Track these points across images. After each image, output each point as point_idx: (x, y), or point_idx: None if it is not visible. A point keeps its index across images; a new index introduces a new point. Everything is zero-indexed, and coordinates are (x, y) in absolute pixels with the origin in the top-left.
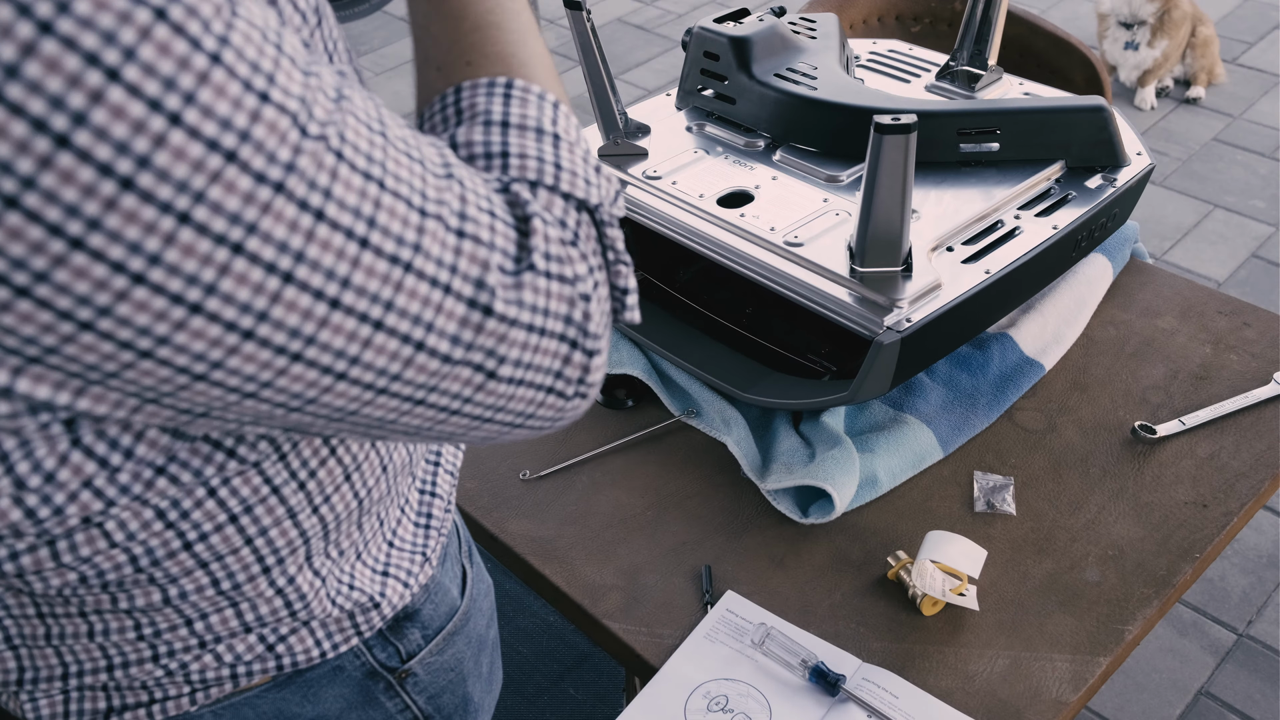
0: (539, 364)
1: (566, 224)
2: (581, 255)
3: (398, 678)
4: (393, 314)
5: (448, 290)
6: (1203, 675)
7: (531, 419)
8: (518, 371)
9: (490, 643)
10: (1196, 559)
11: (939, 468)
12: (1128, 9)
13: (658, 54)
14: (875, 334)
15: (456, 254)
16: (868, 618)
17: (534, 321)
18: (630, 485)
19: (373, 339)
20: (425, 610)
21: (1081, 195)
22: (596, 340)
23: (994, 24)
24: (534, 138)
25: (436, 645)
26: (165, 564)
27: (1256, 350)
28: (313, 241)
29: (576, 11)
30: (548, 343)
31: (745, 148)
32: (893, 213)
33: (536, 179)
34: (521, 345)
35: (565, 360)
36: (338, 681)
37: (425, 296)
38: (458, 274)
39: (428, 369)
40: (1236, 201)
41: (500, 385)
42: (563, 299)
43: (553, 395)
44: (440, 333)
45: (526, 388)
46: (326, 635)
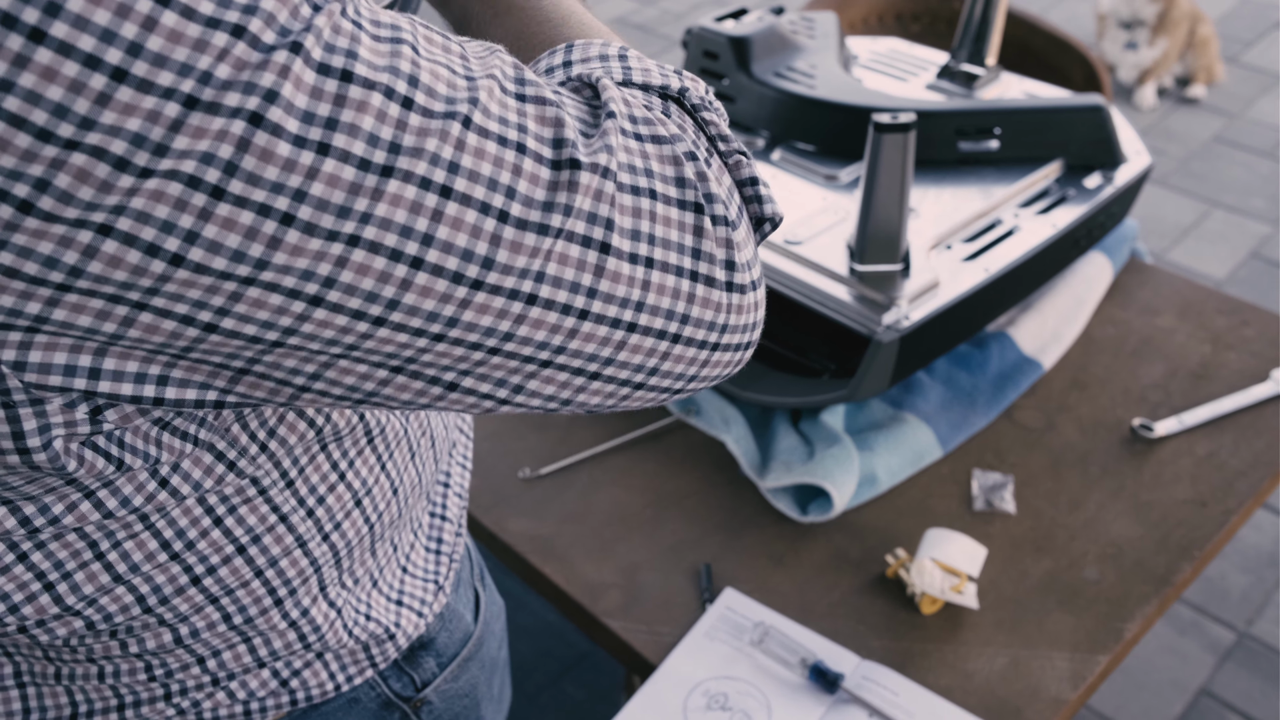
0: (664, 236)
1: (650, 104)
2: (679, 124)
3: (413, 706)
4: (460, 178)
5: (522, 149)
6: (1202, 674)
7: (688, 323)
8: (639, 245)
9: (502, 663)
10: (1196, 557)
11: (938, 466)
12: (1128, 9)
13: (657, 53)
14: (874, 332)
15: (521, 114)
16: (867, 616)
17: (636, 181)
18: (629, 483)
19: (445, 210)
20: (440, 638)
21: (1080, 194)
22: (727, 209)
23: (993, 23)
24: (598, 61)
25: (451, 672)
26: (174, 601)
27: (1255, 349)
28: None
29: None
30: (663, 208)
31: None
32: (892, 211)
33: (601, 76)
34: (632, 210)
35: (698, 232)
36: (353, 713)
37: (497, 156)
38: (529, 133)
39: (524, 244)
40: (1236, 200)
41: (624, 264)
42: (664, 158)
43: (701, 284)
44: (525, 200)
45: (662, 271)
46: (341, 668)
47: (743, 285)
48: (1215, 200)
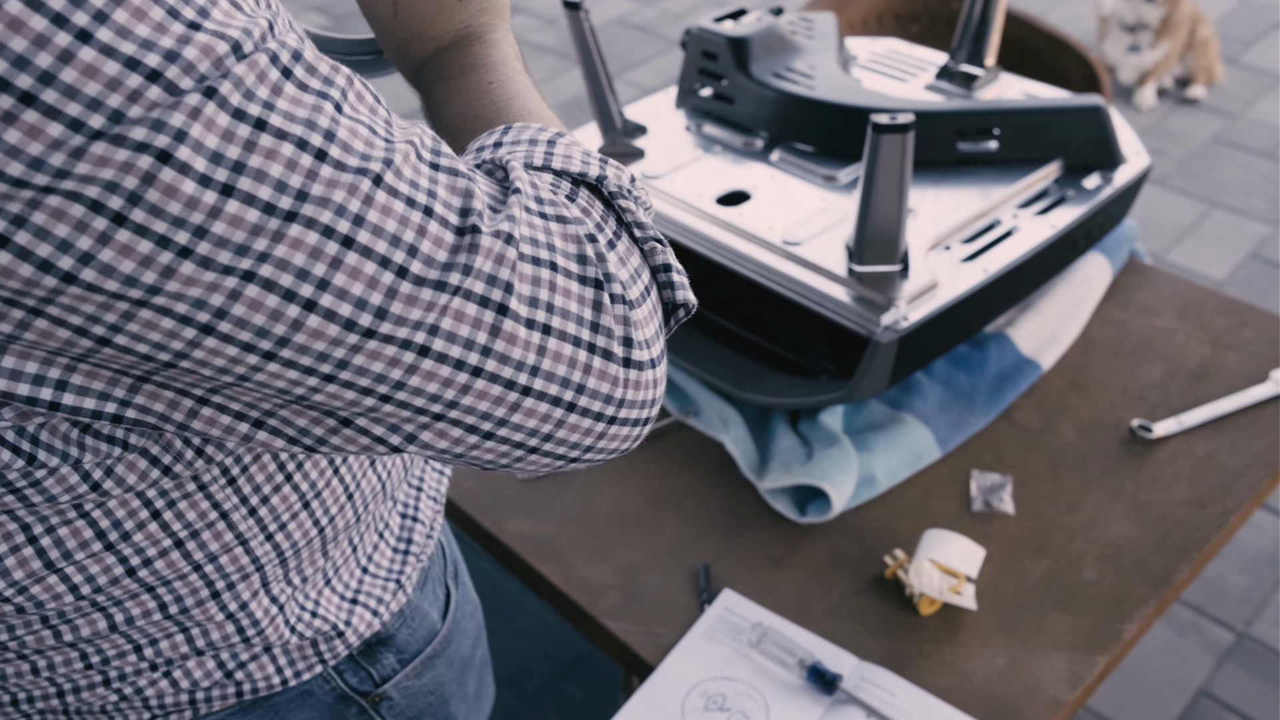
0: (564, 306)
1: (559, 187)
2: (583, 210)
3: (370, 701)
4: (365, 231)
5: (429, 212)
6: (1201, 675)
7: (584, 393)
8: (537, 312)
9: (477, 662)
10: (1194, 558)
11: (937, 467)
12: (1133, 13)
13: (656, 54)
14: (873, 333)
15: (433, 180)
16: (865, 617)
17: (539, 254)
18: (628, 484)
19: (344, 260)
20: (400, 635)
21: (1079, 194)
22: (629, 289)
23: (992, 24)
24: (526, 144)
25: (414, 669)
26: (109, 590)
27: (1255, 350)
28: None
29: (574, 12)
30: (563, 280)
31: (743, 147)
32: (890, 212)
33: (524, 161)
34: (532, 280)
35: (597, 306)
36: (306, 706)
37: (404, 216)
38: (438, 198)
39: (419, 299)
40: (1235, 201)
41: (520, 328)
42: (566, 236)
43: (598, 356)
44: (426, 258)
45: (559, 338)
46: (289, 663)
47: (640, 362)
48: (1215, 201)
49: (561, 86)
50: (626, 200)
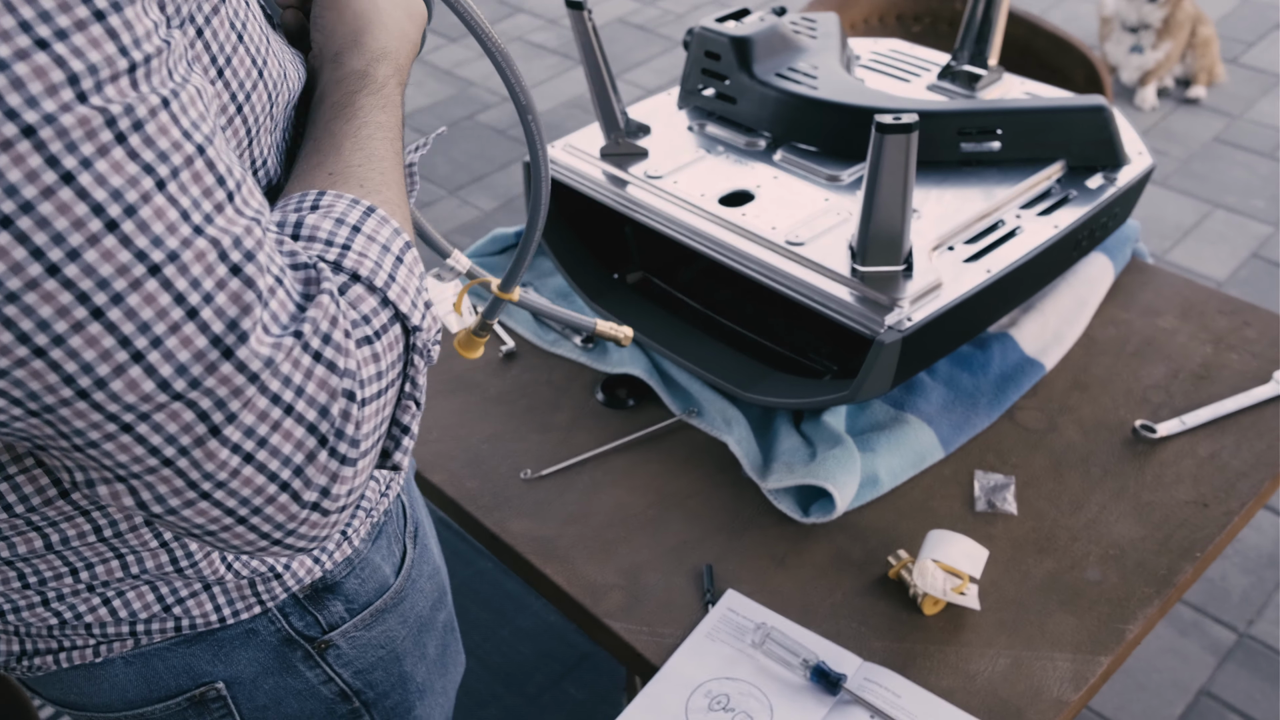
0: (277, 446)
1: (370, 322)
2: (373, 357)
3: (317, 648)
4: (117, 309)
5: (192, 314)
6: (1204, 675)
7: (258, 515)
8: (248, 442)
9: (438, 625)
10: (1197, 558)
11: (940, 467)
12: (1135, 14)
13: (659, 54)
14: (876, 333)
15: (219, 286)
16: (869, 617)
17: (281, 393)
18: (631, 484)
19: (85, 325)
20: (349, 584)
21: (1082, 195)
22: (354, 450)
23: (995, 24)
24: (379, 250)
25: (363, 620)
26: (43, 509)
27: (1257, 350)
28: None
29: (578, 11)
30: (292, 426)
31: (746, 147)
32: (894, 212)
33: (365, 276)
34: (259, 414)
35: (310, 457)
36: (251, 645)
37: (163, 308)
38: (211, 304)
39: (141, 390)
40: (1237, 201)
41: (224, 450)
42: (323, 386)
43: (287, 495)
44: (166, 354)
45: (257, 470)
46: (227, 601)
47: (326, 509)
48: (1216, 201)
49: (563, 86)
50: (421, 359)
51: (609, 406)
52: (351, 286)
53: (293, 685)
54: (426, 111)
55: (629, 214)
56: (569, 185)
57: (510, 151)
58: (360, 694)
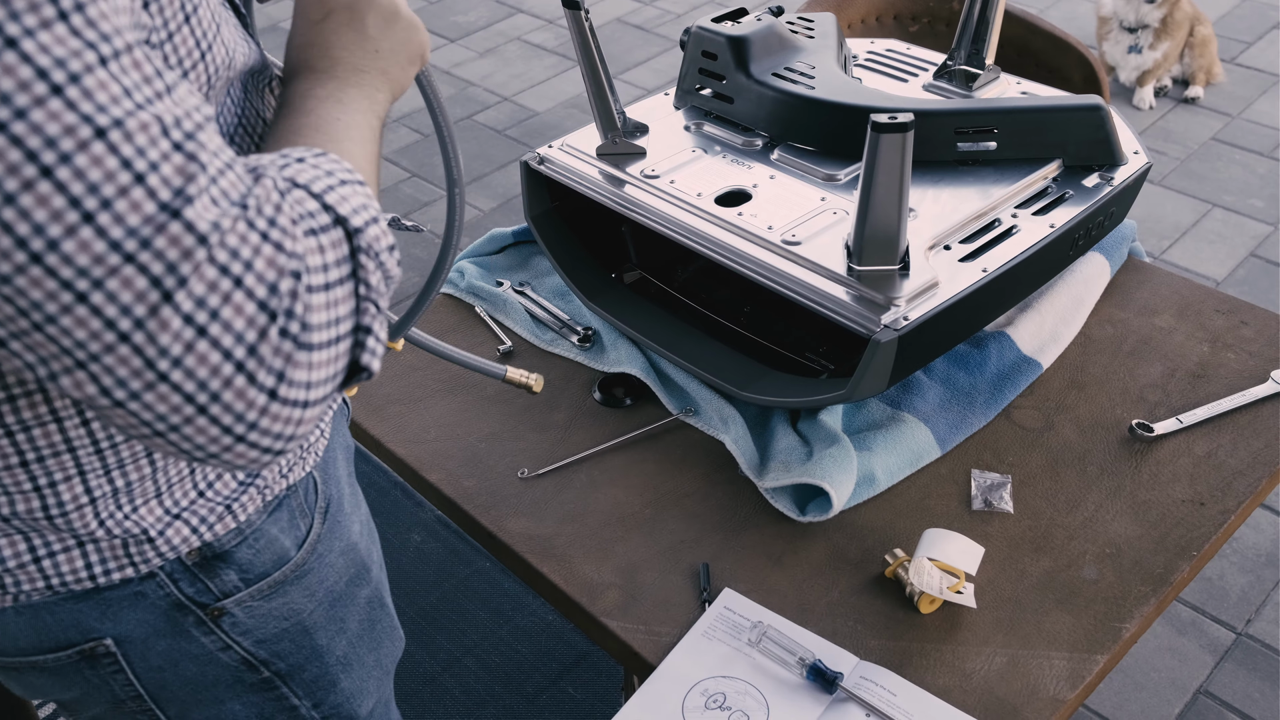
0: (229, 320)
1: (315, 218)
2: (319, 249)
3: (210, 614)
4: (65, 169)
5: (140, 179)
6: (1201, 674)
7: (217, 403)
8: (200, 313)
9: (359, 601)
10: (1194, 557)
11: (936, 466)
12: (1133, 14)
13: (656, 54)
14: (873, 332)
15: (164, 157)
16: (865, 615)
17: (230, 265)
18: (628, 483)
19: (35, 184)
20: (240, 555)
21: (1079, 194)
22: (306, 334)
23: (991, 23)
24: (323, 173)
25: (259, 591)
26: None
27: (1254, 349)
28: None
29: (575, 11)
30: (243, 299)
31: (743, 147)
32: (890, 211)
33: (303, 183)
34: (209, 284)
35: (262, 333)
36: (140, 607)
37: (110, 171)
38: (158, 172)
39: (93, 251)
40: (1235, 201)
41: (177, 320)
42: (271, 264)
43: (243, 377)
44: (116, 216)
45: (211, 345)
46: (100, 560)
47: (287, 399)
48: (1214, 200)
49: (561, 86)
50: (369, 259)
51: (606, 406)
52: (292, 190)
53: (187, 649)
54: (425, 111)
55: (626, 213)
56: (566, 185)
57: (509, 151)
58: (269, 664)
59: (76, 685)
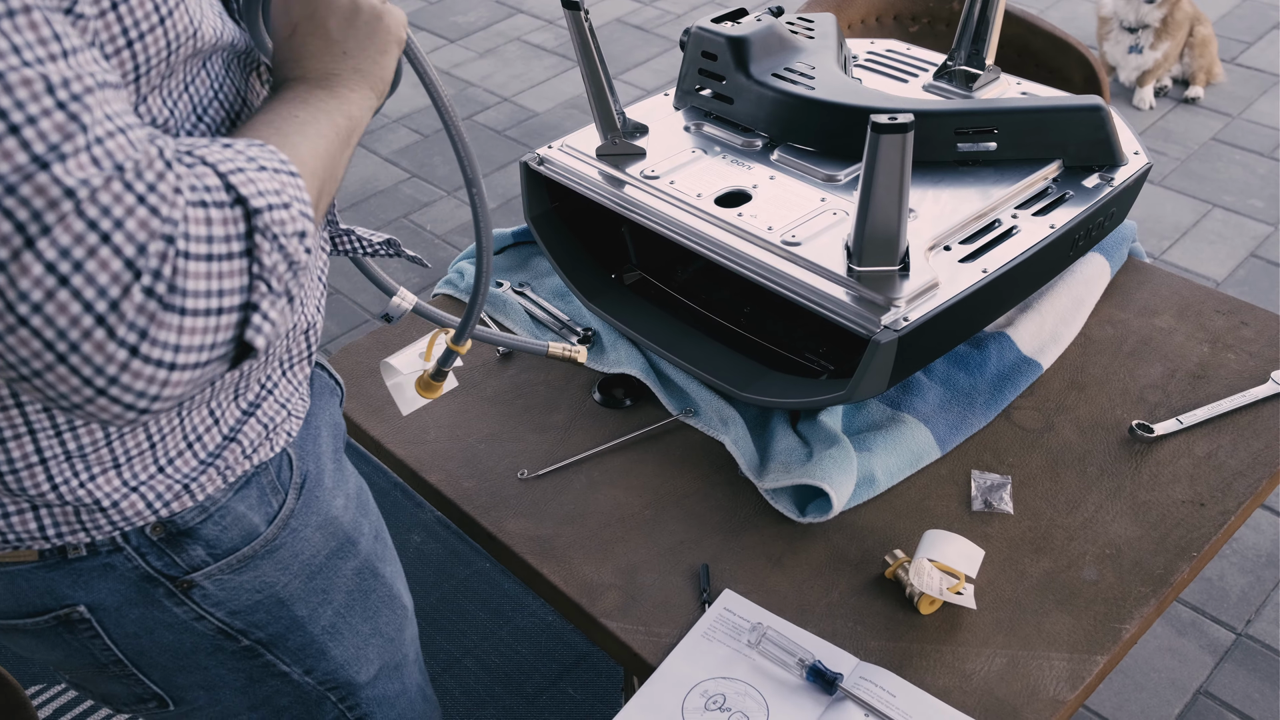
0: (92, 274)
1: (210, 193)
2: (205, 220)
3: (180, 586)
4: None
5: (14, 130)
6: (1201, 674)
7: (76, 353)
8: (63, 263)
9: (345, 572)
10: (1194, 558)
11: (936, 467)
12: (1133, 15)
13: (656, 54)
14: (873, 333)
15: (44, 113)
16: (865, 616)
17: (99, 221)
18: (628, 484)
19: None
20: (206, 531)
21: (1079, 194)
22: (177, 297)
23: (991, 24)
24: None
25: (229, 565)
26: None
27: (1254, 349)
28: None
29: (574, 12)
30: (109, 256)
31: (743, 147)
32: (890, 212)
33: (212, 161)
34: (75, 236)
35: (125, 290)
36: (110, 577)
37: None
38: (35, 125)
39: None
40: (1235, 201)
41: (38, 266)
42: (143, 225)
43: (103, 330)
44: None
45: (72, 296)
46: (53, 524)
47: (150, 357)
48: (1214, 201)
49: (561, 87)
50: (266, 240)
51: (606, 406)
52: (196, 166)
53: (160, 618)
54: (426, 112)
55: (626, 214)
56: (566, 186)
57: (509, 152)
58: (246, 634)
59: (58, 648)
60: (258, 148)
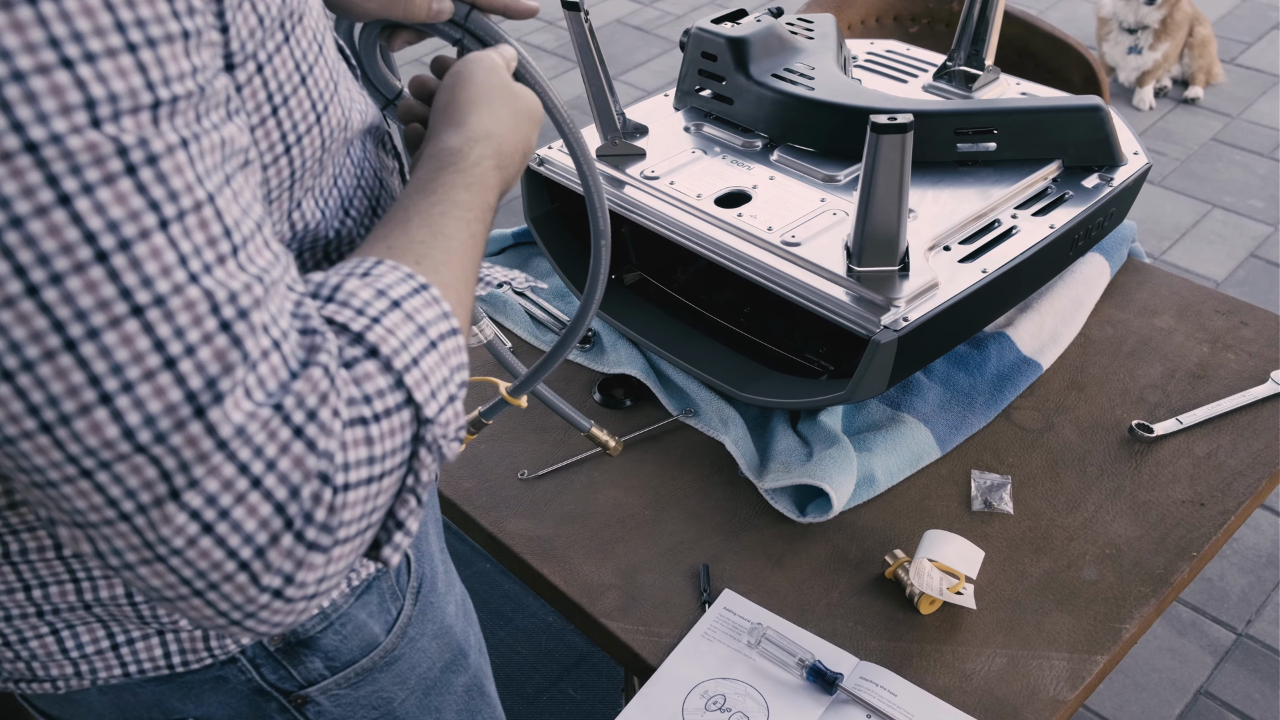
0: (239, 521)
1: (373, 403)
2: (365, 440)
3: (294, 702)
4: (91, 345)
5: (170, 364)
6: (1202, 675)
7: (214, 590)
8: (208, 511)
9: (457, 689)
10: (1194, 557)
11: (936, 467)
12: (1133, 16)
13: (656, 55)
14: (872, 333)
15: (205, 340)
16: (865, 616)
17: (250, 464)
18: (628, 484)
19: (56, 355)
20: (327, 640)
21: (1078, 194)
22: (327, 537)
23: (991, 24)
24: (413, 331)
25: (346, 679)
26: (4, 514)
27: (1254, 349)
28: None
29: (574, 13)
30: (259, 501)
31: (743, 148)
32: (890, 212)
33: (385, 354)
34: (224, 482)
35: (273, 538)
36: (221, 690)
37: (139, 353)
38: (193, 357)
39: (104, 435)
40: (1235, 201)
41: (182, 515)
42: (298, 465)
43: (246, 575)
44: (136, 401)
45: (215, 544)
46: (179, 650)
47: (290, 597)
48: (1214, 201)
49: (561, 87)
50: (429, 453)
51: (606, 407)
52: (363, 362)
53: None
54: None
55: (626, 215)
56: (566, 186)
57: None
58: None
59: None
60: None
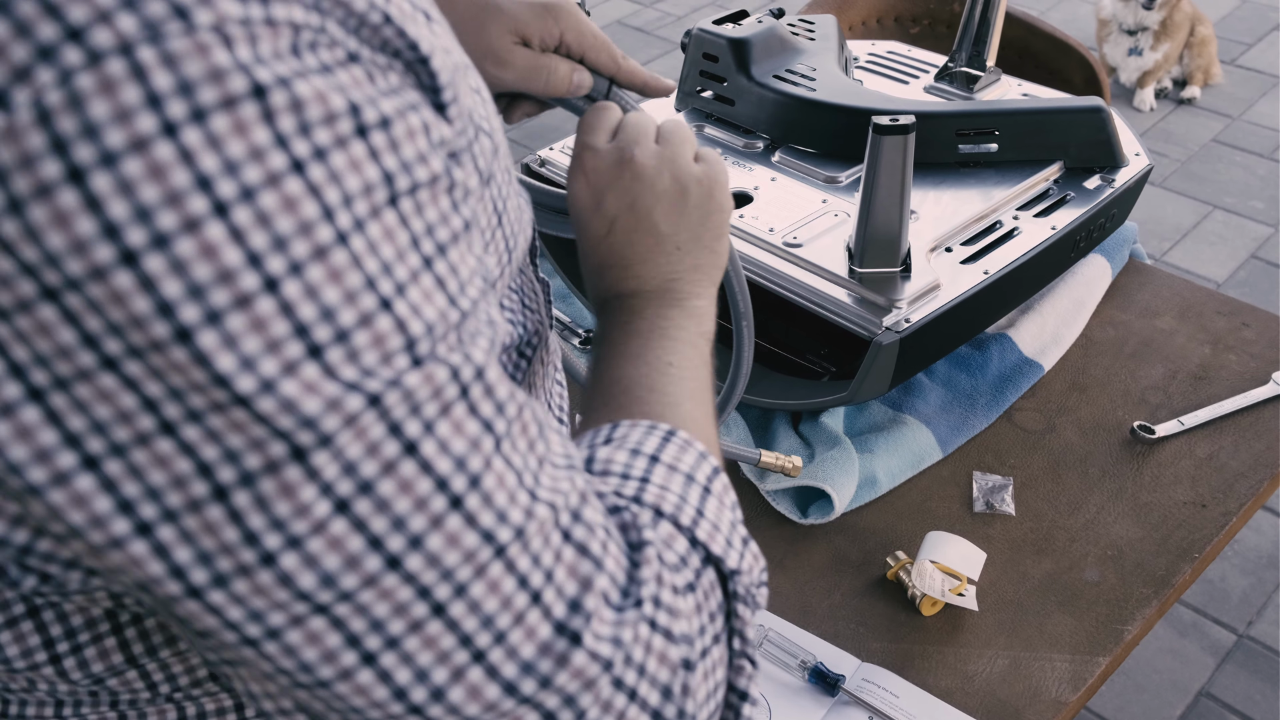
0: None
1: (687, 565)
2: (697, 609)
3: None
4: (461, 603)
5: (536, 599)
6: (1203, 676)
7: None
8: None
9: None
10: (1195, 559)
11: (938, 468)
12: (1132, 17)
13: (657, 56)
14: (874, 334)
15: (557, 558)
16: (867, 618)
17: (626, 678)
18: None
19: (424, 625)
20: None
21: (1080, 196)
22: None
23: (992, 25)
24: (682, 481)
25: None
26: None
27: (1255, 351)
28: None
29: None
30: (635, 713)
31: (744, 149)
32: (891, 213)
33: (669, 512)
34: (604, 704)
35: None
36: None
37: (508, 597)
38: (553, 583)
39: (483, 696)
40: (1236, 202)
41: None
42: (665, 662)
43: None
44: (510, 650)
45: None
46: None
47: None
48: (1215, 202)
49: None
50: (746, 608)
51: None
52: (659, 523)
53: None
54: None
55: None
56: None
57: (512, 152)
58: None
59: None
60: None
